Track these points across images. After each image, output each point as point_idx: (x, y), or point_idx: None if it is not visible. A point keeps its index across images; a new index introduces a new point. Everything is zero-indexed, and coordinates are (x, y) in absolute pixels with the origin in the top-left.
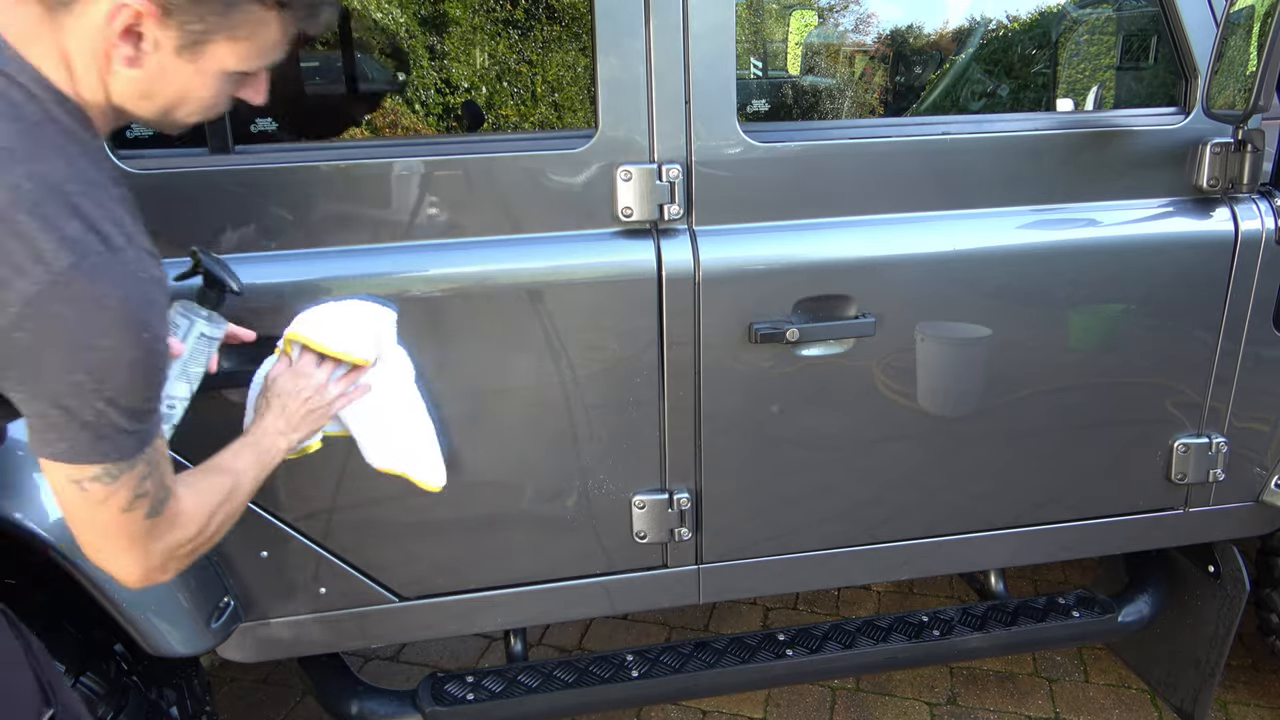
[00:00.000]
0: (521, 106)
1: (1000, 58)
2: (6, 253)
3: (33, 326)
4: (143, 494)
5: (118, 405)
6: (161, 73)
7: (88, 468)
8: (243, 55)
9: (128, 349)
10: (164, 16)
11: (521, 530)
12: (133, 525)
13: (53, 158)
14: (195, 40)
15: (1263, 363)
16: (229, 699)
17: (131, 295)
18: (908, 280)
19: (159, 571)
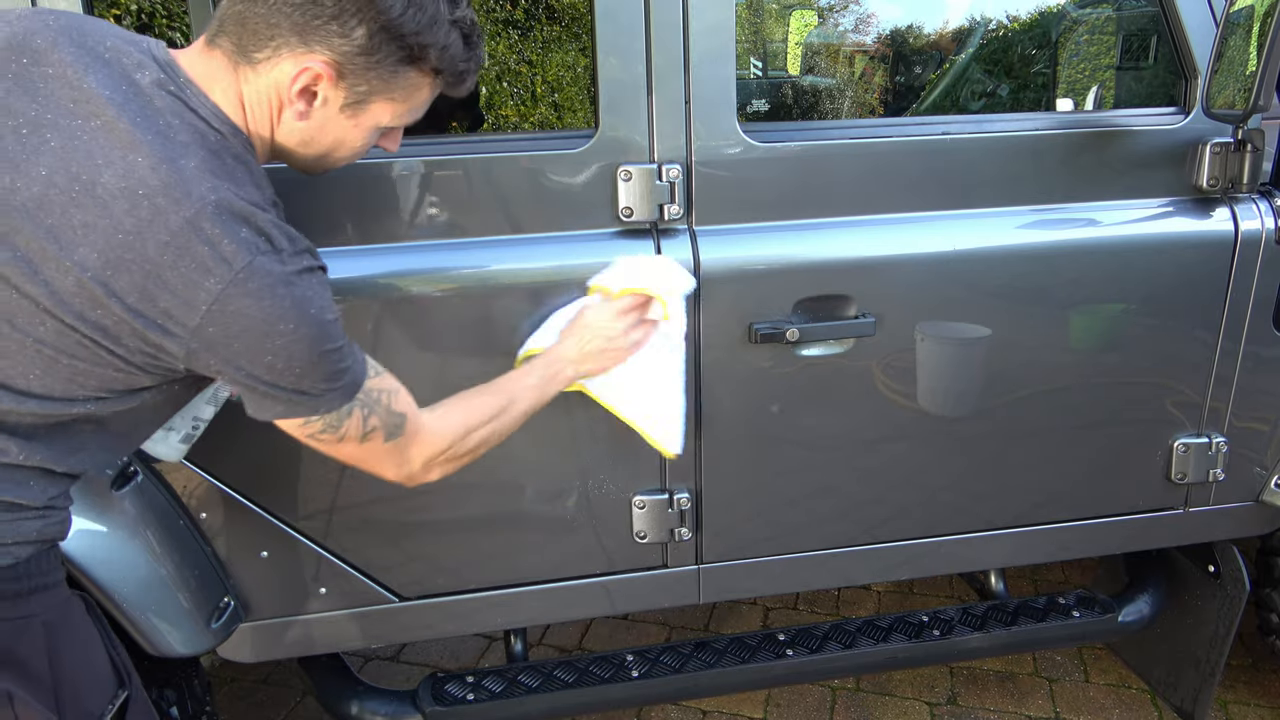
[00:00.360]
0: (521, 106)
1: (1000, 58)
2: (196, 256)
3: (222, 321)
4: (371, 429)
5: (310, 373)
6: (323, 125)
7: (310, 424)
8: (396, 113)
9: (304, 328)
10: (338, 79)
11: (522, 530)
12: (376, 449)
13: (229, 178)
14: (359, 100)
15: (1263, 362)
16: (229, 699)
17: (296, 283)
18: (908, 280)
19: (422, 474)
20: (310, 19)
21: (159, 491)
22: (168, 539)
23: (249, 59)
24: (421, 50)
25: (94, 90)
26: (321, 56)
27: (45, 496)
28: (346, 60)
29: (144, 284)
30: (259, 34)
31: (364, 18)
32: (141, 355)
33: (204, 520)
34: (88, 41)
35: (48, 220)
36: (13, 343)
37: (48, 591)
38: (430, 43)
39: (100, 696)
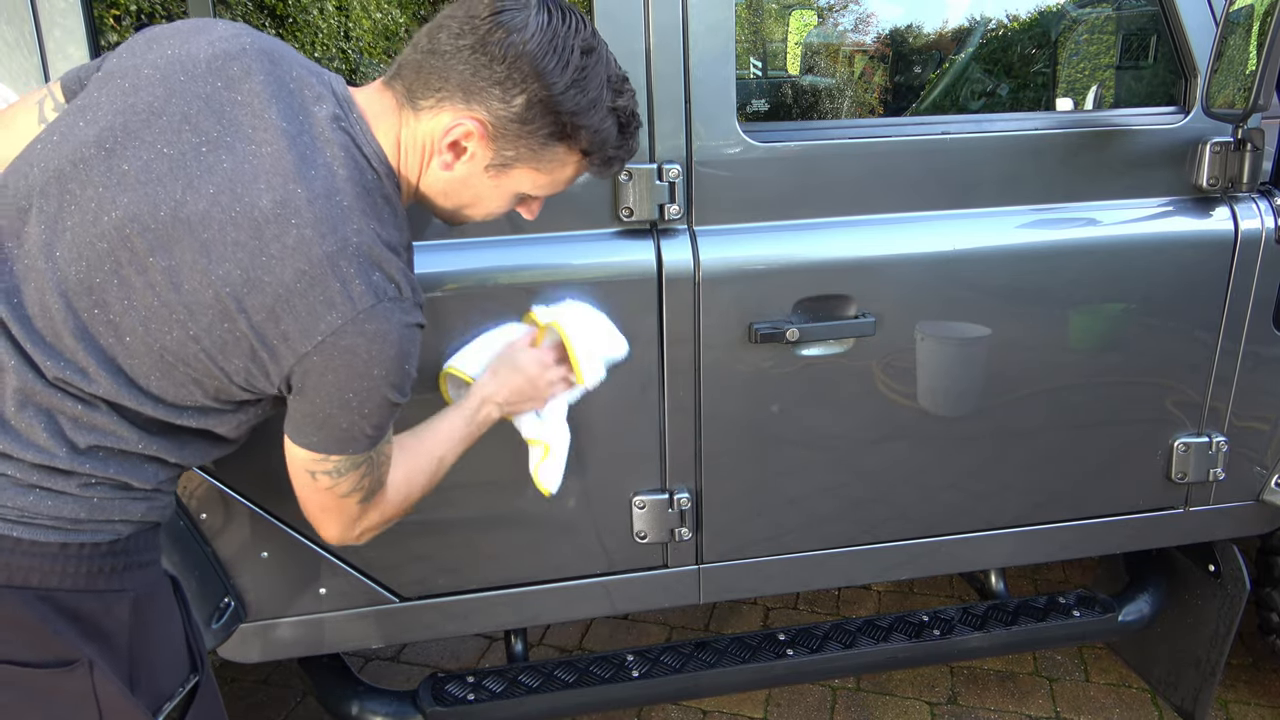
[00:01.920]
0: None
1: (1000, 57)
2: (327, 290)
3: (330, 353)
4: (359, 488)
5: (369, 420)
6: (466, 180)
7: (325, 461)
8: (538, 184)
9: (392, 378)
10: (488, 139)
11: (522, 530)
12: (346, 507)
13: (375, 219)
14: (505, 163)
15: (1262, 362)
16: (229, 699)
17: (405, 337)
18: (908, 280)
19: (355, 540)
20: (478, 79)
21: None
22: (168, 539)
23: (415, 105)
24: (574, 130)
25: (274, 121)
26: (478, 115)
27: (155, 480)
28: (501, 124)
29: (273, 305)
30: (429, 84)
31: (527, 88)
32: (244, 374)
33: (204, 520)
34: (278, 70)
35: (205, 235)
36: (143, 345)
37: (143, 569)
38: (585, 124)
39: (173, 677)
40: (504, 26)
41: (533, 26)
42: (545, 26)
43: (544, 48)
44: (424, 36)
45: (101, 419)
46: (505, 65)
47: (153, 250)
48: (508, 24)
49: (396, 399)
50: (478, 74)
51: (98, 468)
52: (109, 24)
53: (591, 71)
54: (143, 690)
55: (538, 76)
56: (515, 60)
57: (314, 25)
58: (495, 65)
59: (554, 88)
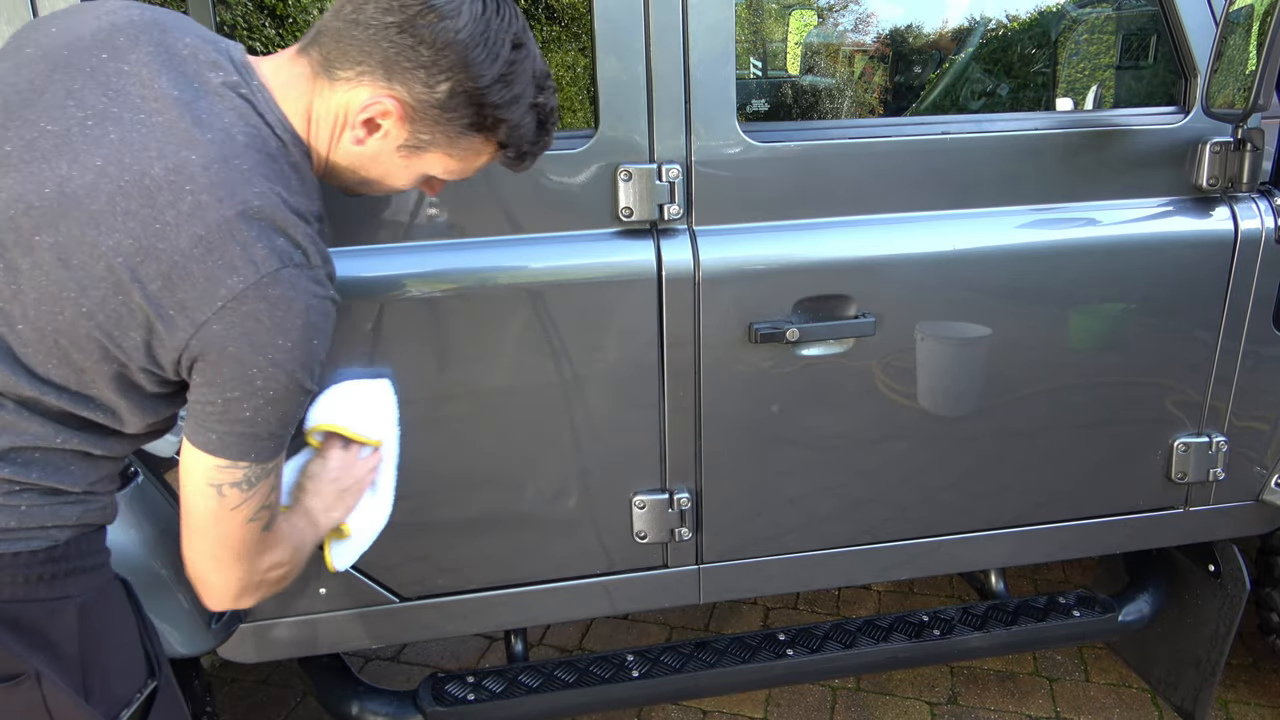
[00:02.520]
0: None
1: (1000, 57)
2: (226, 254)
3: (231, 319)
4: (266, 506)
5: (275, 405)
6: (376, 157)
7: (232, 469)
8: (448, 169)
9: (299, 351)
10: (405, 120)
11: (522, 530)
12: (249, 537)
13: (280, 184)
14: (418, 145)
15: (1262, 362)
16: (230, 699)
17: (314, 308)
18: (908, 280)
19: (252, 591)
20: (402, 59)
21: (159, 492)
22: (168, 539)
23: (331, 75)
24: (495, 123)
25: (164, 89)
26: (398, 95)
27: (85, 482)
28: (420, 107)
29: (169, 273)
30: (349, 55)
31: (453, 77)
32: (143, 351)
33: None
34: (168, 39)
35: (93, 207)
36: (35, 331)
37: (87, 574)
38: (506, 119)
39: (129, 683)
40: (436, 10)
41: (465, 15)
42: (479, 17)
43: (475, 38)
44: (347, 4)
45: (9, 417)
46: (433, 50)
47: (39, 228)
48: (440, 8)
49: (306, 383)
50: (402, 54)
51: (18, 473)
52: None
53: (519, 67)
54: (97, 698)
55: (465, 67)
56: (444, 47)
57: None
58: (422, 49)
59: (481, 80)
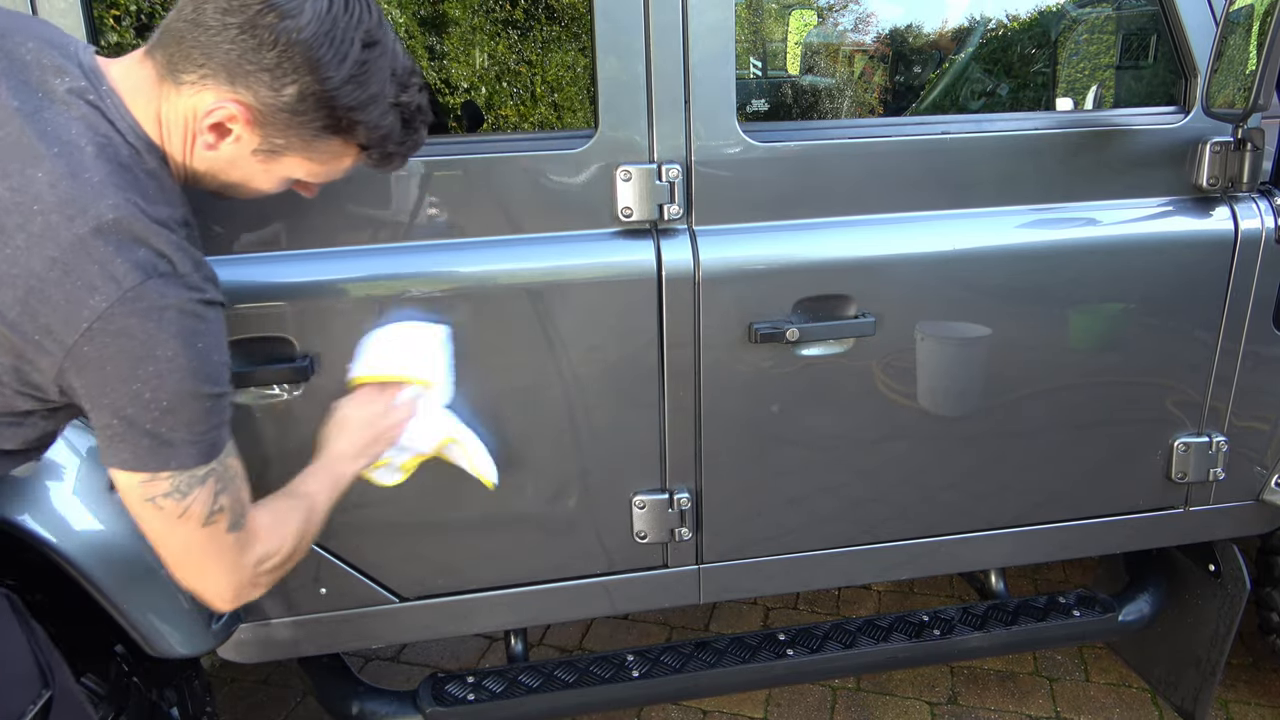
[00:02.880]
0: (521, 106)
1: (1000, 57)
2: (84, 274)
3: (102, 340)
4: (219, 508)
5: (176, 414)
6: (233, 161)
7: (156, 481)
8: (311, 172)
9: (184, 358)
10: (254, 125)
11: (522, 530)
12: (217, 539)
13: (136, 194)
14: (274, 150)
15: (1262, 362)
16: (230, 700)
17: (188, 311)
18: (907, 280)
19: (250, 587)
20: (245, 62)
21: None
22: None
23: (175, 79)
24: (351, 125)
25: (3, 100)
26: (243, 99)
27: None
28: (269, 111)
29: (26, 298)
30: (191, 58)
31: (299, 78)
32: (15, 375)
33: None
34: (7, 44)
35: None
36: None
37: None
38: (363, 120)
39: (21, 696)
40: (276, 10)
41: (308, 14)
42: (323, 15)
43: (320, 38)
44: (189, 3)
45: None
46: (276, 52)
47: None
48: (281, 7)
49: (203, 388)
50: (244, 57)
51: None
52: (109, 24)
53: (373, 65)
54: None
55: (311, 68)
56: (287, 48)
57: None
58: (265, 51)
59: (329, 82)
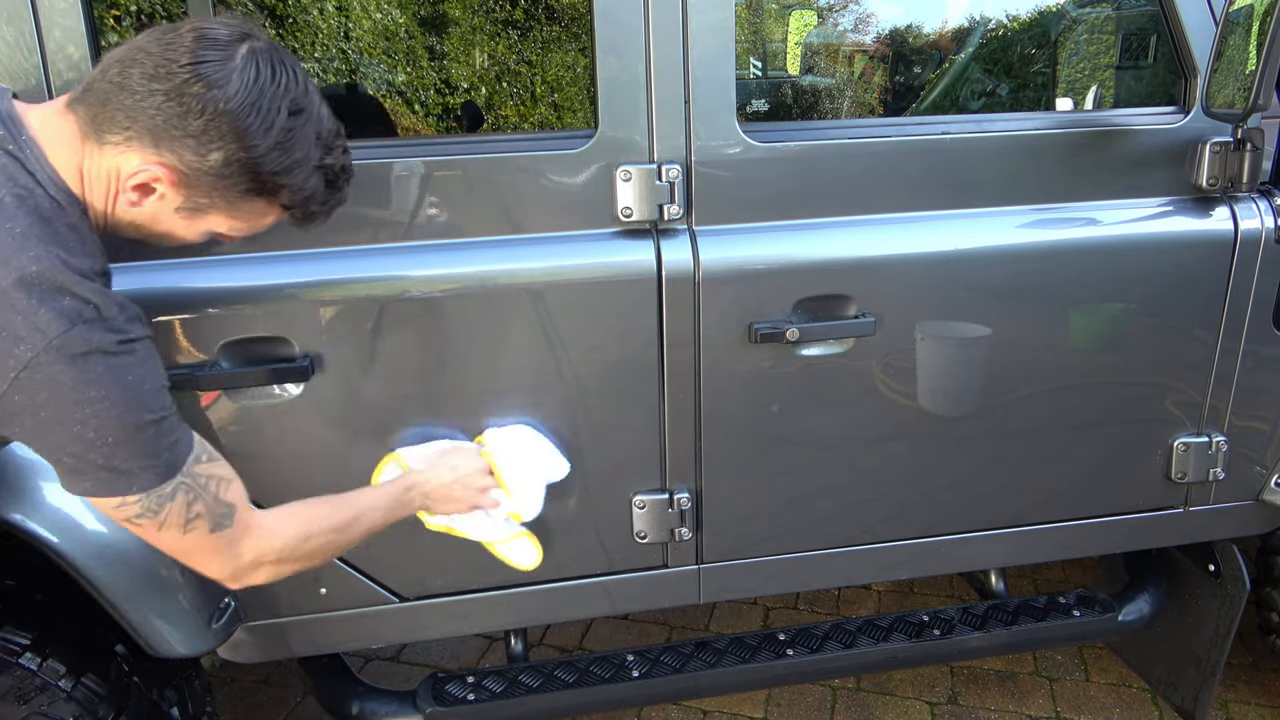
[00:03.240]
0: (521, 107)
1: (1000, 57)
2: (9, 325)
3: (30, 388)
4: (195, 516)
5: (124, 446)
6: (156, 217)
7: (125, 505)
8: (234, 228)
9: (117, 394)
10: (179, 186)
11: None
12: (202, 541)
13: (58, 246)
14: (197, 209)
15: (1262, 361)
16: (230, 700)
17: (114, 351)
18: (907, 280)
19: (249, 572)
20: (170, 128)
21: None
22: None
23: (99, 137)
24: (275, 188)
25: None
26: (168, 162)
27: None
28: (194, 175)
29: None
30: (116, 120)
31: (225, 145)
32: None
33: None
34: None
35: None
36: None
37: None
38: (287, 184)
39: None
40: (204, 80)
41: (235, 84)
42: (251, 85)
43: (247, 108)
44: (114, 65)
45: None
46: (202, 121)
47: None
48: (208, 77)
49: (144, 417)
50: (170, 123)
51: None
52: (109, 24)
53: (299, 132)
54: None
55: (238, 137)
56: (214, 117)
57: (314, 25)
58: (191, 118)
59: (255, 150)
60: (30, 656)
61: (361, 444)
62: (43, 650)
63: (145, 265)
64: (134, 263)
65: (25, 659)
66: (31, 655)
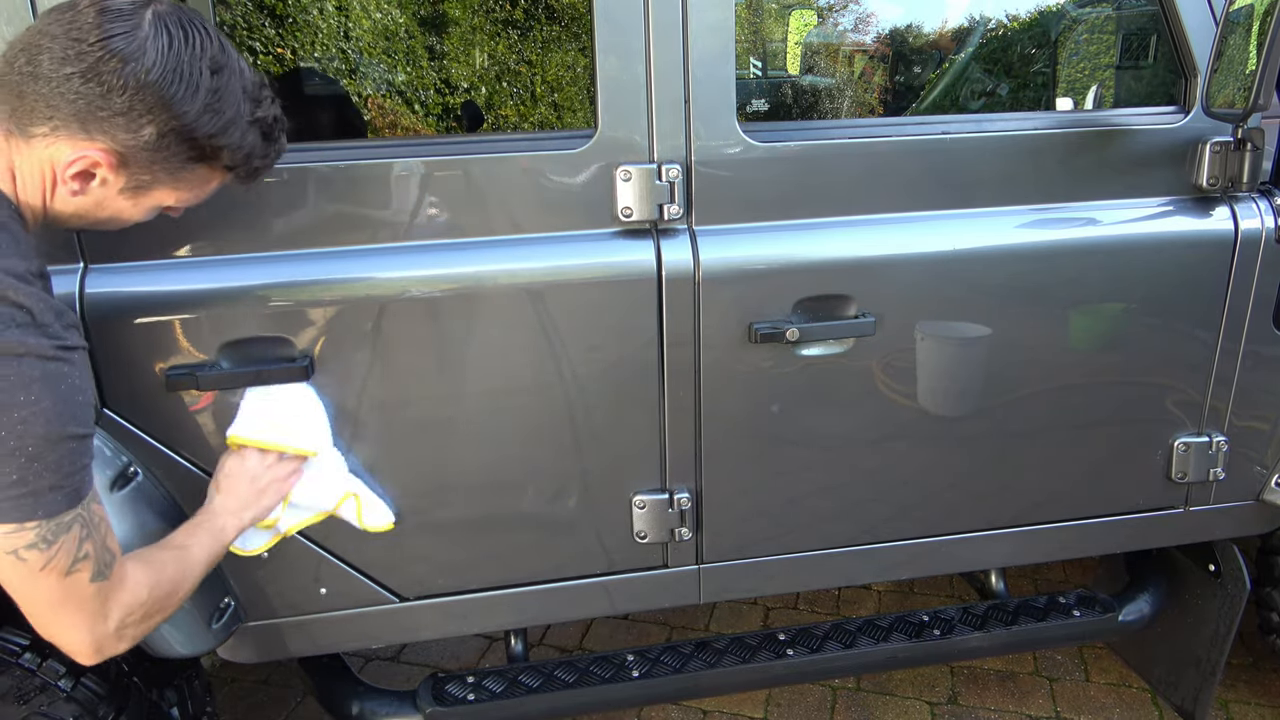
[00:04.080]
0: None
1: (1000, 57)
2: None
3: None
4: (83, 556)
5: (43, 458)
6: (100, 203)
7: (21, 532)
8: (180, 199)
9: (47, 400)
10: (118, 167)
11: (522, 530)
12: (79, 590)
13: None
14: (140, 186)
15: (1262, 361)
16: (230, 700)
17: (48, 357)
18: (908, 280)
19: (114, 640)
20: (95, 110)
21: (158, 491)
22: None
23: (24, 132)
24: (215, 151)
25: None
26: (102, 145)
27: None
28: (130, 153)
29: None
30: (37, 111)
31: (155, 118)
32: None
33: None
34: None
35: None
36: None
37: None
38: (225, 144)
39: None
40: (118, 54)
41: (151, 53)
42: (167, 51)
43: (169, 75)
44: (20, 55)
45: None
46: (126, 97)
47: None
48: (122, 51)
49: (68, 430)
50: (94, 104)
51: None
52: None
53: (225, 90)
54: None
55: (166, 106)
56: (138, 91)
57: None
58: (114, 97)
59: (186, 116)
60: (30, 656)
61: (361, 443)
62: (42, 650)
63: (147, 265)
64: (136, 263)
65: (25, 659)
66: (31, 655)
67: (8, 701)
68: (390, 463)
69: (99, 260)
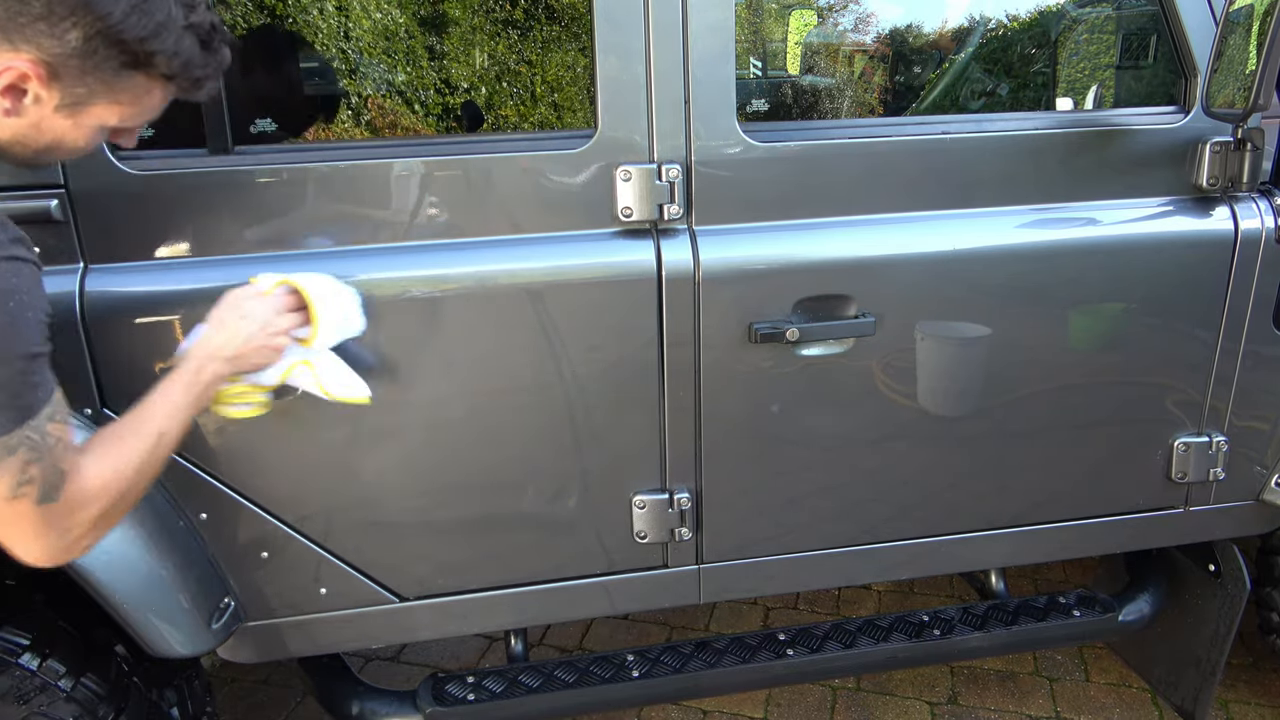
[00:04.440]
0: (521, 107)
1: (1000, 57)
2: None
3: None
4: (27, 479)
5: None
6: (38, 124)
7: None
8: (123, 116)
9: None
10: (50, 80)
11: (522, 530)
12: (25, 513)
13: None
14: (77, 101)
15: (1262, 361)
16: (230, 700)
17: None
18: (908, 280)
19: (71, 549)
20: (14, 16)
21: (158, 491)
22: (167, 539)
23: None
24: (148, 56)
25: None
26: (28, 55)
27: None
28: (59, 62)
29: None
30: None
31: (78, 20)
32: None
33: (204, 520)
34: None
35: None
36: None
37: None
38: (158, 49)
39: None
40: None
41: None
42: None
43: None
44: None
45: None
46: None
47: None
48: None
49: (17, 348)
50: (11, 10)
51: None
52: None
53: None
54: None
55: (86, 7)
56: None
57: (314, 25)
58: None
59: (111, 17)
60: (30, 656)
61: (361, 443)
62: (43, 650)
63: (147, 265)
64: (136, 263)
65: (25, 659)
66: (31, 655)
67: (8, 701)
68: (390, 462)
69: (99, 260)
